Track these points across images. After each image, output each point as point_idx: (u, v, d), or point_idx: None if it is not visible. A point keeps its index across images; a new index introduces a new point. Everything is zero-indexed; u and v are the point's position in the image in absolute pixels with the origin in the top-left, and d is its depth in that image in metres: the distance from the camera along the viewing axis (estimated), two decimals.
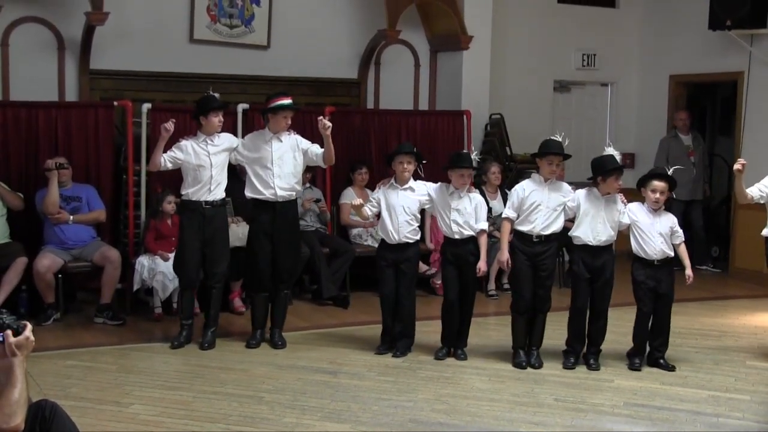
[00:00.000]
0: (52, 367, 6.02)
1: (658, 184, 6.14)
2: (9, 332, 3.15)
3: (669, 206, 10.07)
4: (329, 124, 6.39)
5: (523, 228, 6.20)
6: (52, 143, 7.66)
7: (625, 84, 11.24)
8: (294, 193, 6.62)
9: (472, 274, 6.33)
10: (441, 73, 9.96)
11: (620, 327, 6.71)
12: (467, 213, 6.28)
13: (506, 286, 8.46)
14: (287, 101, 6.54)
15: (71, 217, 7.34)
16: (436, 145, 9.04)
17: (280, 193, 6.51)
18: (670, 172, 6.21)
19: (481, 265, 6.28)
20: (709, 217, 10.52)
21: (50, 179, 7.19)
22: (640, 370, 6.19)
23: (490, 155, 9.48)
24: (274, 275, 6.68)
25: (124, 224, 7.90)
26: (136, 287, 7.48)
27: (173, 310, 7.43)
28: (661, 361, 6.26)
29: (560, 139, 6.26)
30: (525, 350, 6.30)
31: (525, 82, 10.46)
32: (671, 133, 10.38)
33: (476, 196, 6.38)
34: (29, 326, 3.21)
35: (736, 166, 6.22)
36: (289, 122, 6.56)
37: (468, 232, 6.30)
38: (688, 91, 10.95)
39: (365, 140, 8.95)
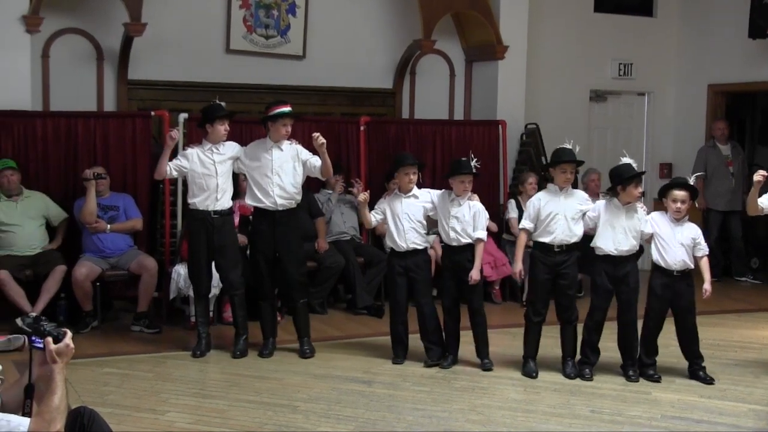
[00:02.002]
0: (90, 374, 6.08)
1: (679, 193, 6.08)
2: (49, 339, 3.19)
3: (707, 217, 10.17)
4: (323, 140, 6.40)
5: (544, 239, 6.20)
6: (91, 152, 7.77)
7: (662, 93, 11.15)
8: (294, 202, 6.62)
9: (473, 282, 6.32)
10: (476, 83, 9.95)
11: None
12: (465, 221, 6.30)
13: None
14: (286, 109, 6.55)
15: (108, 226, 7.42)
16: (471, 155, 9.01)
17: (279, 201, 6.52)
18: (691, 181, 6.16)
19: (473, 274, 6.27)
20: (749, 227, 10.38)
21: (88, 189, 7.27)
22: (659, 380, 6.13)
23: (525, 165, 9.45)
24: (285, 287, 6.69)
25: (160, 233, 7.98)
26: (172, 296, 7.53)
27: (210, 318, 7.44)
28: (701, 373, 6.20)
29: (571, 147, 6.27)
30: (535, 360, 6.31)
31: (561, 91, 10.41)
32: (709, 143, 10.27)
33: (476, 204, 6.38)
34: (69, 334, 3.25)
35: (757, 177, 6.11)
36: (289, 130, 6.56)
37: (465, 240, 6.31)
38: (727, 100, 10.83)
39: (400, 150, 8.89)
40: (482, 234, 6.32)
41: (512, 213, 8.71)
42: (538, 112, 9.97)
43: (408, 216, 6.42)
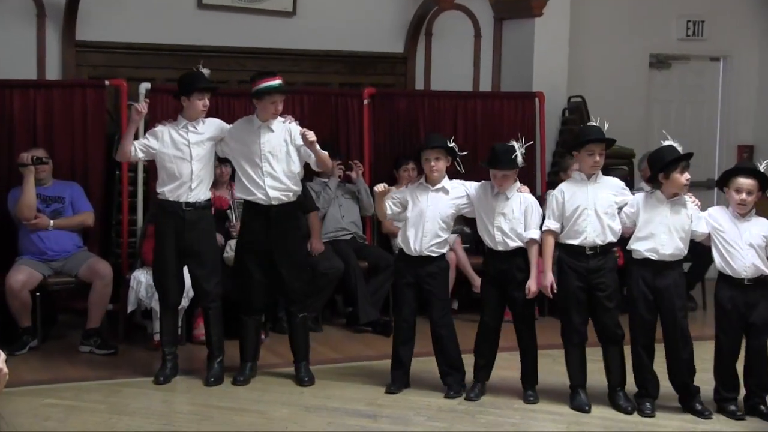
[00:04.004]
0: (27, 406, 6.07)
1: (744, 181, 6.03)
2: None
3: None
4: (313, 137, 6.39)
5: (573, 240, 6.19)
6: (29, 131, 7.77)
7: (741, 58, 11.10)
8: (291, 194, 6.62)
9: (522, 296, 6.31)
10: (507, 46, 9.94)
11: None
12: (514, 218, 6.27)
13: None
14: (275, 83, 6.52)
15: (51, 222, 7.41)
16: (501, 134, 8.91)
17: (272, 194, 6.53)
18: (762, 167, 6.08)
19: (530, 284, 6.24)
20: None
21: (25, 177, 7.27)
22: (743, 418, 6.07)
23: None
24: (282, 298, 6.69)
25: (116, 231, 7.98)
26: (130, 308, 7.52)
27: (178, 336, 7.42)
28: (762, 407, 6.14)
29: (598, 124, 6.25)
30: (585, 389, 6.28)
31: (613, 56, 10.37)
32: None
33: (527, 197, 6.36)
34: (2, 356, 3.23)
35: None
36: (279, 108, 6.56)
37: (515, 243, 6.28)
38: None
39: (413, 129, 8.94)
40: (537, 234, 6.28)
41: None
42: (584, 82, 9.94)
43: (434, 215, 6.38)
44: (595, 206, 6.14)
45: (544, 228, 6.29)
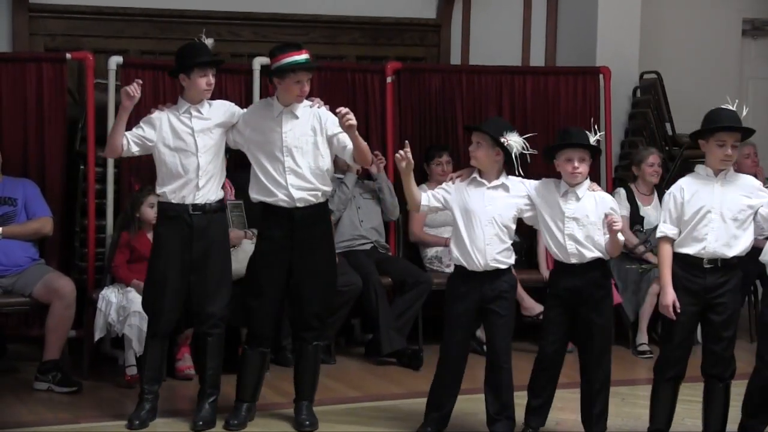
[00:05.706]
0: None
1: None
2: None
3: None
4: (353, 120, 6.31)
5: (688, 249, 6.08)
6: None
7: None
8: (320, 194, 6.60)
9: (602, 320, 6.25)
10: (565, 10, 9.99)
11: None
12: (590, 223, 6.20)
13: None
14: (300, 57, 6.48)
15: (0, 229, 7.39)
16: (557, 119, 8.97)
17: (297, 195, 6.50)
18: None
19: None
20: None
21: None
22: None
23: (641, 137, 9.33)
24: (296, 320, 6.70)
25: (80, 240, 7.97)
26: (98, 336, 7.48)
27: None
28: None
29: (734, 108, 6.13)
30: None
31: (696, 23, 10.42)
32: None
33: (604, 196, 6.32)
34: None
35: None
36: (306, 89, 6.55)
37: (592, 254, 6.21)
38: None
39: (448, 113, 8.96)
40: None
41: (620, 211, 8.58)
42: (659, 55, 10.01)
43: (494, 217, 6.30)
44: (722, 209, 6.03)
45: (659, 234, 6.21)
